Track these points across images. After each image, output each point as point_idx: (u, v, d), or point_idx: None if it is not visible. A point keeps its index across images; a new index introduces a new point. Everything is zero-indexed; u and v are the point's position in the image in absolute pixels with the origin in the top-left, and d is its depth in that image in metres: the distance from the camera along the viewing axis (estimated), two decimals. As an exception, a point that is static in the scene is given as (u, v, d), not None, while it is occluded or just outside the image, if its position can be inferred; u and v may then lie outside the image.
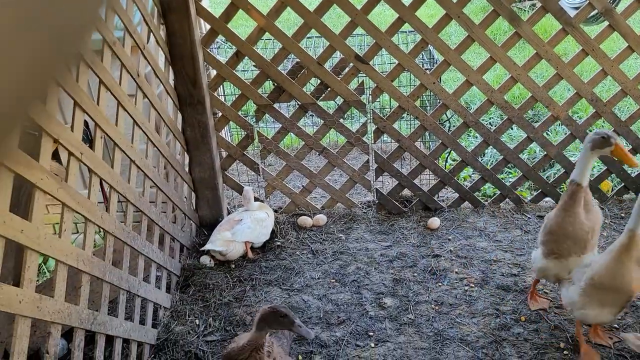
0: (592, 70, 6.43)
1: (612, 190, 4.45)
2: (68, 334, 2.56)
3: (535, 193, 4.40)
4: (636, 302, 3.21)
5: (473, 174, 4.90)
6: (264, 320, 2.33)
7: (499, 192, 4.35)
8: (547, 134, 5.08)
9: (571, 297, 2.78)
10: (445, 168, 4.50)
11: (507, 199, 4.36)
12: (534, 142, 4.19)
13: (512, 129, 5.60)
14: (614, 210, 4.21)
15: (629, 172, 4.27)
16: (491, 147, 4.25)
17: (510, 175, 4.89)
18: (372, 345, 3.03)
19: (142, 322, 3.02)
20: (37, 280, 3.36)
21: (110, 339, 2.65)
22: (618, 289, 2.57)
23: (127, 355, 2.83)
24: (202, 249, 3.77)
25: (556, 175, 4.44)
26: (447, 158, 5.02)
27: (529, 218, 4.18)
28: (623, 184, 4.35)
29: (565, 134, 4.32)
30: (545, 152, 4.22)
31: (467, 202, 4.36)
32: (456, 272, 3.60)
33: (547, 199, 4.38)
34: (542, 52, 3.85)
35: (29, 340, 1.96)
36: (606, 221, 4.05)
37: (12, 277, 2.48)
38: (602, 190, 4.35)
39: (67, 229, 2.26)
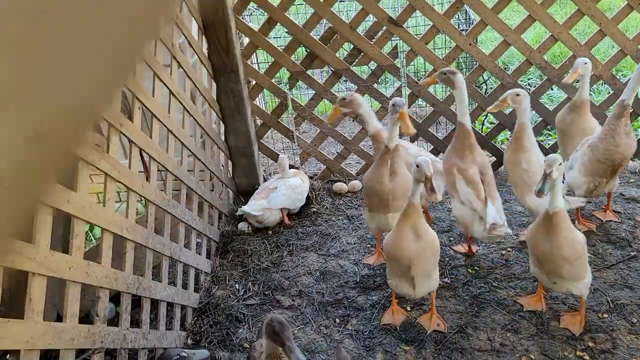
0: (637, 26, 6.14)
1: None
2: (116, 297, 2.68)
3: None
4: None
5: (510, 137, 4.80)
6: (264, 331, 2.17)
7: (537, 155, 4.26)
8: (589, 93, 4.90)
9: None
10: (482, 131, 4.42)
11: None
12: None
13: (552, 89, 5.43)
14: None
15: None
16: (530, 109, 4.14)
17: (549, 138, 4.78)
18: (408, 308, 3.07)
19: (185, 286, 3.13)
20: (85, 247, 3.50)
21: (155, 303, 2.76)
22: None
23: (172, 318, 2.95)
24: (238, 212, 3.84)
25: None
26: (483, 121, 4.93)
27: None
28: None
29: (609, 93, 4.17)
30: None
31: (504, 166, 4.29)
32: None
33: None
34: (584, 8, 3.70)
35: (79, 304, 2.06)
36: None
37: (62, 245, 2.60)
38: None
39: (111, 198, 2.34)
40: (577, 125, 3.49)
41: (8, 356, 2.53)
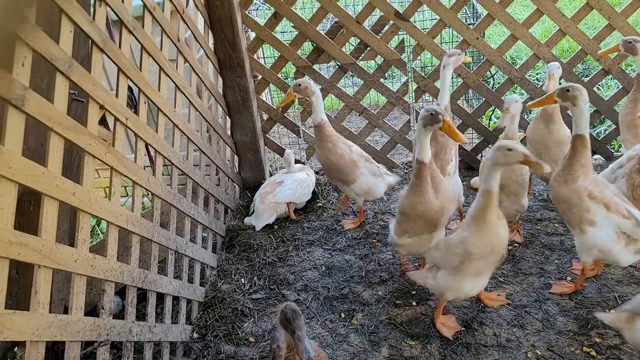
0: (648, 20, 6.08)
1: None
2: (122, 291, 2.69)
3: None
4: None
5: (519, 131, 4.77)
6: (278, 319, 2.17)
7: (545, 150, 4.23)
8: (597, 88, 4.86)
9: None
10: (489, 126, 4.40)
11: (597, 156, 4.23)
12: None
13: (560, 84, 5.40)
14: None
15: None
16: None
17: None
18: (414, 303, 3.06)
19: (191, 280, 3.14)
20: (91, 241, 3.52)
21: (161, 297, 2.78)
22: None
23: (177, 312, 2.96)
24: (258, 228, 3.80)
25: (607, 132, 4.29)
26: (491, 116, 4.91)
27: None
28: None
29: (618, 87, 4.13)
30: (596, 108, 4.06)
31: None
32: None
33: (596, 156, 4.23)
34: (593, 2, 3.66)
35: (85, 297, 2.08)
36: None
37: (68, 238, 2.61)
38: None
39: (116, 191, 2.35)
40: (553, 136, 3.38)
41: (16, 348, 2.55)
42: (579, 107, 2.68)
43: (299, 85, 3.35)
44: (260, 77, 4.10)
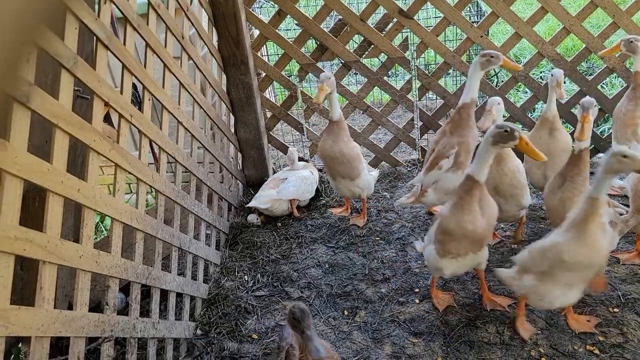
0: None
1: None
2: (126, 288, 2.70)
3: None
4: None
5: (522, 129, 4.76)
6: (287, 318, 2.14)
7: (549, 149, 4.22)
8: (601, 87, 4.85)
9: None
10: (492, 125, 4.38)
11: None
12: (588, 96, 4.02)
13: (564, 83, 5.38)
14: None
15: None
16: (541, 102, 4.11)
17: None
18: (417, 301, 3.06)
19: (194, 277, 3.14)
20: (96, 237, 3.54)
21: (164, 293, 2.78)
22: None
23: (181, 309, 2.97)
24: (248, 205, 3.85)
25: (610, 131, 4.27)
26: (494, 114, 4.89)
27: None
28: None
29: (622, 86, 4.12)
30: (600, 106, 4.05)
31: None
32: (502, 229, 3.57)
33: (600, 154, 4.22)
34: (597, 0, 3.65)
35: (90, 294, 2.08)
36: None
37: (72, 234, 2.62)
38: None
39: (121, 188, 2.35)
40: (559, 144, 3.30)
41: (20, 344, 2.56)
42: None
43: (329, 78, 3.32)
44: (263, 74, 4.10)
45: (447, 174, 3.31)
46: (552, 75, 3.27)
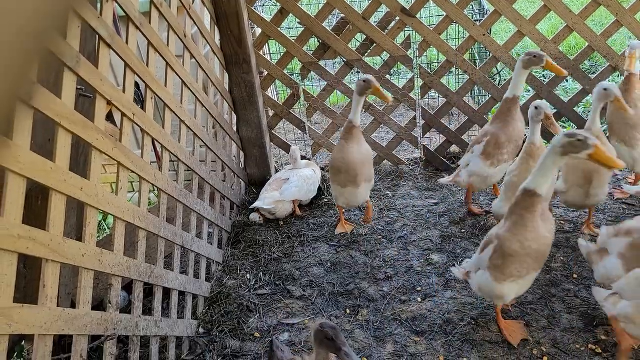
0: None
1: None
2: (128, 286, 2.71)
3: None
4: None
5: (525, 128, 4.76)
6: (314, 338, 2.04)
7: (551, 147, 4.22)
8: (604, 85, 4.83)
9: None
10: (495, 123, 4.38)
11: None
12: (590, 95, 4.01)
13: (567, 81, 5.38)
14: None
15: None
16: (544, 100, 4.10)
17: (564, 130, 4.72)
18: (419, 300, 3.06)
19: (197, 275, 3.15)
20: (98, 236, 3.54)
21: (167, 292, 2.79)
22: None
23: (184, 307, 2.97)
24: (252, 206, 3.85)
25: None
26: (497, 113, 4.89)
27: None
28: None
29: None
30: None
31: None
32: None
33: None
34: (600, -2, 3.64)
35: (92, 292, 2.09)
36: None
37: (75, 233, 2.63)
38: None
39: (123, 187, 2.36)
40: None
41: (24, 342, 2.57)
42: None
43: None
44: (266, 73, 4.10)
45: (477, 159, 3.45)
46: (606, 88, 3.15)
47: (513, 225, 2.43)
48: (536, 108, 3.05)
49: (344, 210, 3.79)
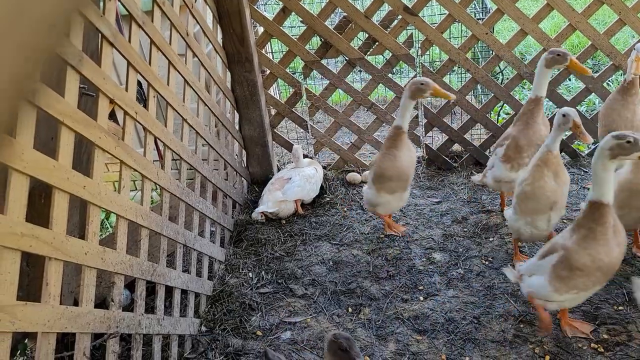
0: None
1: None
2: (131, 284, 2.71)
3: (593, 147, 4.24)
4: None
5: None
6: (327, 349, 2.00)
7: (554, 146, 4.21)
8: (607, 84, 4.83)
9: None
10: (497, 122, 4.38)
11: (562, 153, 4.22)
12: (593, 94, 4.01)
13: (569, 80, 5.37)
14: None
15: None
16: (547, 99, 4.10)
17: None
18: (421, 298, 3.06)
19: (199, 274, 3.15)
20: (101, 234, 3.55)
21: (169, 290, 2.79)
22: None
23: (186, 305, 2.98)
24: (257, 211, 3.84)
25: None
26: (499, 112, 4.89)
27: (586, 172, 4.04)
28: None
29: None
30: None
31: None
32: (507, 227, 3.56)
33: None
34: (603, -3, 3.63)
35: (95, 290, 2.09)
36: None
37: (78, 231, 2.63)
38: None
39: (126, 185, 2.36)
40: None
41: (27, 339, 2.58)
42: None
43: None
44: (268, 71, 4.10)
45: (498, 163, 3.36)
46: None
47: (583, 238, 2.32)
48: (564, 115, 2.73)
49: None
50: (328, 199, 4.07)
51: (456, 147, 4.35)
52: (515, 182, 3.29)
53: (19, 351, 2.61)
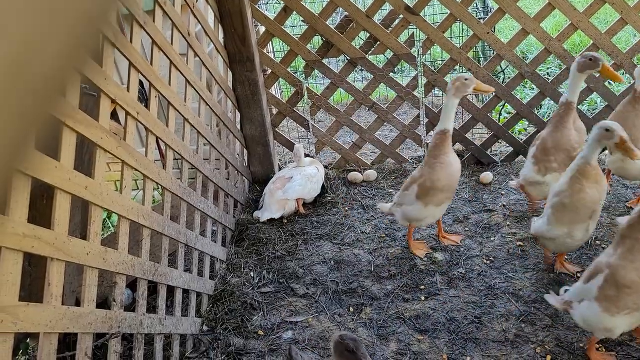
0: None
1: None
2: (133, 284, 2.72)
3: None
4: None
5: (529, 127, 4.75)
6: (334, 350, 1.99)
7: (555, 146, 4.20)
8: (609, 83, 4.82)
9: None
10: (499, 121, 4.38)
11: None
12: (595, 93, 4.01)
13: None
14: None
15: None
16: (548, 98, 4.10)
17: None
18: (423, 298, 3.06)
19: (200, 274, 3.16)
20: (103, 234, 3.56)
21: (171, 290, 2.80)
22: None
23: (188, 305, 2.98)
24: (262, 220, 3.83)
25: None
26: (501, 111, 4.88)
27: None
28: None
29: (629, 83, 4.10)
30: (607, 103, 4.03)
31: (521, 157, 4.25)
32: (509, 227, 3.56)
33: (606, 152, 4.20)
34: (605, -4, 3.63)
35: (97, 290, 2.10)
36: None
37: (80, 231, 2.64)
38: None
39: (128, 185, 2.36)
40: None
41: (29, 340, 2.58)
42: None
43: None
44: (269, 71, 4.10)
45: (528, 163, 3.33)
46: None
47: (628, 251, 2.20)
48: (607, 130, 2.53)
49: None
50: (330, 198, 4.07)
51: (457, 146, 4.35)
52: (542, 185, 3.27)
53: (21, 350, 2.62)
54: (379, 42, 3.91)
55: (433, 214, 3.21)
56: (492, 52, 4.04)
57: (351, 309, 3.05)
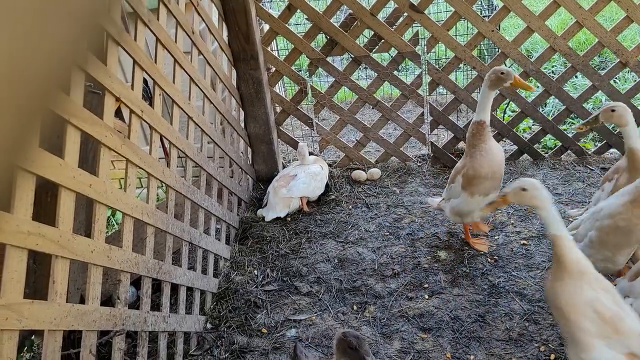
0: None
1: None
2: (137, 282, 2.73)
3: (599, 144, 4.22)
4: None
5: (533, 125, 4.73)
6: (336, 347, 1.98)
7: (560, 144, 4.20)
8: (614, 81, 4.81)
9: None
10: (503, 120, 4.37)
11: (568, 151, 4.20)
12: (600, 91, 3.99)
13: (576, 77, 5.34)
14: None
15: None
16: (553, 96, 4.08)
17: (573, 126, 4.69)
18: (426, 296, 3.06)
19: (204, 271, 3.16)
20: (107, 232, 3.56)
21: (175, 287, 2.81)
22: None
23: (191, 303, 2.99)
24: (268, 219, 3.83)
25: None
26: (505, 109, 4.86)
27: (592, 170, 4.02)
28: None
29: (635, 81, 4.08)
30: (612, 101, 4.01)
31: (526, 155, 4.24)
32: (512, 225, 3.55)
33: (612, 150, 4.19)
34: (611, -6, 3.61)
35: (101, 287, 2.11)
36: None
37: (84, 229, 2.65)
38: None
39: (132, 183, 2.37)
40: None
41: (33, 336, 2.59)
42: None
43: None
44: (273, 69, 4.10)
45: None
46: None
47: None
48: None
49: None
50: (333, 196, 4.07)
51: (462, 144, 4.34)
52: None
53: (25, 347, 2.63)
54: (383, 40, 3.90)
55: (478, 205, 3.10)
56: (497, 50, 4.02)
57: (354, 307, 3.05)
